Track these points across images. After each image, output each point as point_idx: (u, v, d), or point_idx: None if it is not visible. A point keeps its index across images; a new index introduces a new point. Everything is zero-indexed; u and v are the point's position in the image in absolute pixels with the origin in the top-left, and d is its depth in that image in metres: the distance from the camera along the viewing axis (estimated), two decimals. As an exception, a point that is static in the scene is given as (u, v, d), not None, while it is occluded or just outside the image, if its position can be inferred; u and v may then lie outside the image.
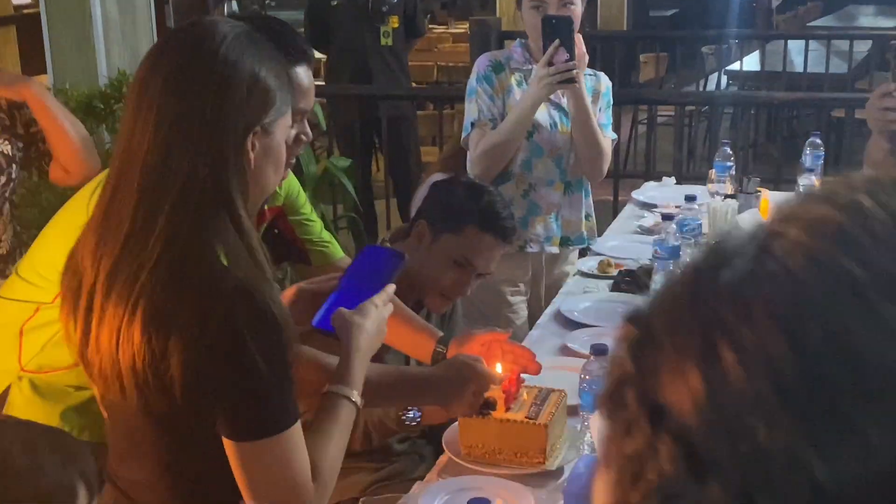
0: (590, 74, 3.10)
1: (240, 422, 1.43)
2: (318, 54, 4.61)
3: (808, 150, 3.59)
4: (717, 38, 7.65)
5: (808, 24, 10.44)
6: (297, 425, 1.47)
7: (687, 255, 2.83)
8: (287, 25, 2.05)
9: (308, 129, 2.02)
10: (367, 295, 1.70)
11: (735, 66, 7.46)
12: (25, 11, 9.45)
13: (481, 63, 3.04)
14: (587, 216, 3.15)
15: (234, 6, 12.20)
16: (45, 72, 4.79)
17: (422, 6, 6.48)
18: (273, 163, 1.50)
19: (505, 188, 2.97)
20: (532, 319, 2.94)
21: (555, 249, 3.09)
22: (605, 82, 3.14)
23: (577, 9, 2.90)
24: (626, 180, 4.94)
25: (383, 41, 5.65)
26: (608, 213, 4.36)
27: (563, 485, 1.87)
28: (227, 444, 1.44)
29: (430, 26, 9.69)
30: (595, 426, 1.80)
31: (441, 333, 2.19)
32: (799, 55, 7.38)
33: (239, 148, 1.42)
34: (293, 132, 1.98)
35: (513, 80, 3.00)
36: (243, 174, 1.43)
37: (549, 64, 2.79)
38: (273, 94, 1.45)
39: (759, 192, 3.34)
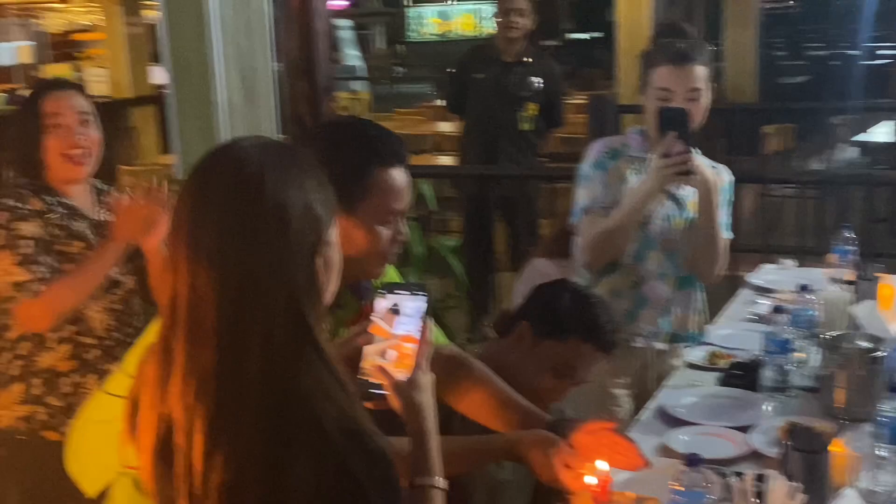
0: (711, 167, 2.99)
1: None
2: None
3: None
4: (847, 108, 7.43)
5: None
6: None
7: (799, 348, 2.72)
8: (383, 129, 2.08)
9: (404, 230, 2.03)
10: (405, 348, 1.62)
11: (864, 136, 7.21)
12: (165, 91, 9.89)
13: (597, 149, 2.98)
14: (699, 311, 3.06)
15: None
16: (176, 152, 4.94)
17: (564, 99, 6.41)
18: (336, 269, 1.49)
19: (613, 279, 2.92)
20: (634, 415, 2.85)
21: (663, 346, 3.00)
22: (727, 176, 3.03)
23: (703, 102, 2.82)
24: (743, 255, 4.82)
25: (521, 125, 5.66)
26: (723, 290, 4.23)
27: None
28: None
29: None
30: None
31: (549, 418, 2.17)
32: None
33: (310, 274, 1.41)
34: (389, 232, 2.00)
35: (628, 170, 2.93)
36: (317, 297, 1.43)
37: (666, 155, 2.73)
38: (323, 212, 1.44)
39: (878, 277, 3.17)
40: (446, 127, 8.68)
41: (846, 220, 3.95)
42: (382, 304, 1.67)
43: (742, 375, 2.77)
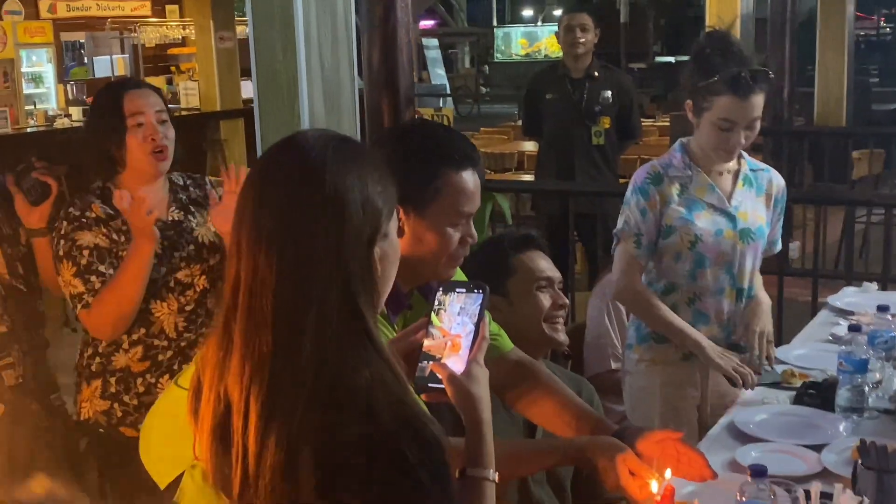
0: (760, 169, 3.02)
1: None
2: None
3: None
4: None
5: None
6: None
7: (876, 369, 2.68)
8: (453, 132, 2.11)
9: (474, 232, 2.05)
10: (463, 344, 1.63)
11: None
12: (252, 105, 10.13)
13: (639, 175, 2.98)
14: None
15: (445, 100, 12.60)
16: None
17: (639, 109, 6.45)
18: (393, 261, 1.52)
19: (671, 297, 2.94)
20: (702, 429, 2.83)
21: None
22: (778, 183, 3.02)
23: (758, 126, 2.83)
24: (828, 280, 4.75)
25: (594, 140, 5.66)
26: (805, 315, 4.17)
27: None
28: None
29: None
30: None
31: (616, 427, 2.17)
32: None
33: (366, 264, 1.44)
34: (458, 234, 2.03)
35: (672, 190, 2.91)
36: (372, 287, 1.45)
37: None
38: (381, 203, 1.47)
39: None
40: (529, 146, 8.74)
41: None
42: (441, 300, 1.70)
43: (816, 395, 2.73)
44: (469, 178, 1.98)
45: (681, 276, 2.93)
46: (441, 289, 1.72)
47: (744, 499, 1.88)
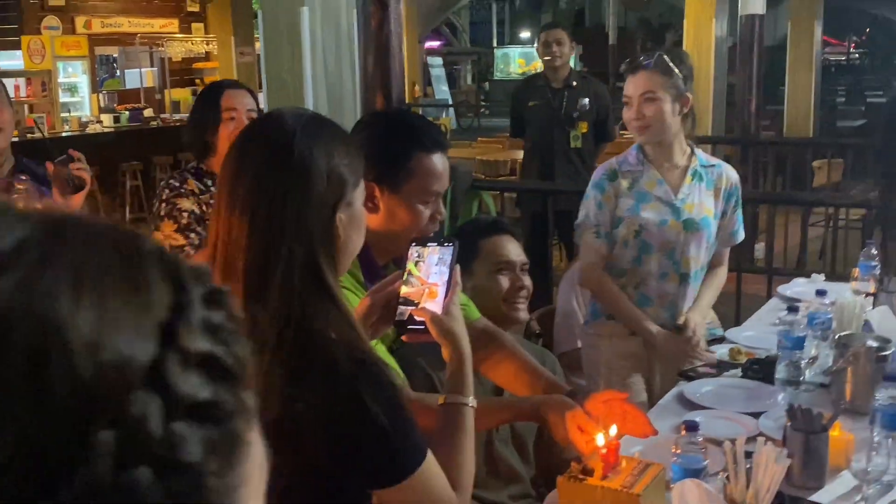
0: (711, 165, 3.07)
1: (381, 474, 1.49)
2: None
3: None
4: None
5: None
6: (429, 456, 1.50)
7: (813, 346, 2.72)
8: (424, 119, 2.17)
9: (442, 209, 2.10)
10: (440, 291, 1.67)
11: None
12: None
13: (598, 172, 3.08)
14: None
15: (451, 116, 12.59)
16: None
17: (614, 114, 6.56)
18: (357, 228, 1.56)
19: (619, 281, 2.99)
20: (653, 400, 2.88)
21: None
22: (730, 177, 3.07)
23: (662, 106, 2.88)
24: (786, 277, 4.80)
25: (573, 143, 5.74)
26: (761, 303, 4.22)
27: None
28: (378, 494, 1.50)
29: (622, 132, 9.79)
30: (676, 496, 1.76)
31: (569, 388, 2.22)
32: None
33: (328, 228, 1.48)
34: (428, 211, 2.08)
35: (623, 185, 2.99)
36: (333, 249, 1.49)
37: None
38: (347, 173, 1.51)
39: (900, 290, 3.16)
40: (521, 154, 8.80)
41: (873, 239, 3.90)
42: (419, 253, 1.75)
43: (759, 369, 2.78)
44: (438, 161, 2.04)
45: (627, 262, 2.99)
46: (414, 243, 1.76)
47: (678, 451, 1.93)
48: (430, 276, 1.72)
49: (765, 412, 2.47)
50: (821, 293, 2.90)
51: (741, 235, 3.16)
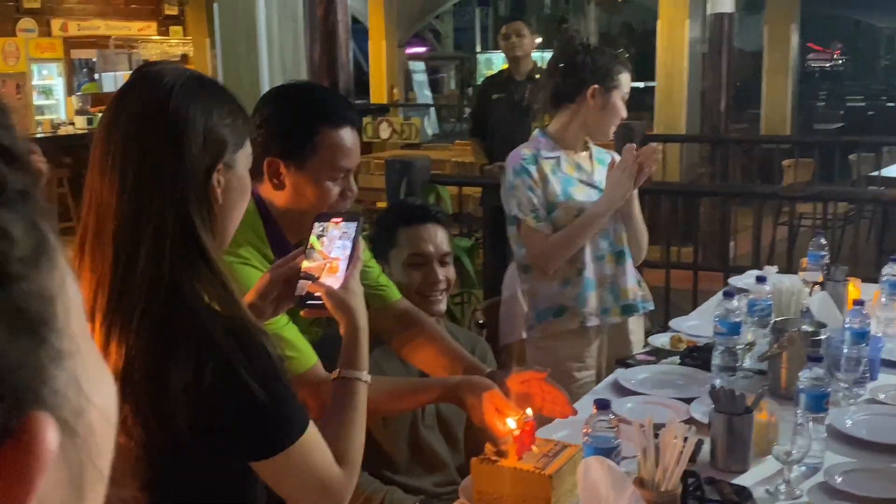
0: (603, 153, 3.12)
1: (256, 446, 1.45)
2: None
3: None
4: (864, 144, 7.37)
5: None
6: (310, 430, 1.47)
7: (749, 332, 2.69)
8: (331, 91, 2.13)
9: (353, 186, 2.05)
10: (341, 266, 1.64)
11: (875, 172, 7.17)
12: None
13: (514, 159, 3.05)
14: (639, 281, 3.09)
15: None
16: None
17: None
18: (240, 193, 1.51)
19: (562, 269, 2.97)
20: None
21: (616, 319, 3.01)
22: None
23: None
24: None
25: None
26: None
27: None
28: (255, 466, 1.46)
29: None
30: (581, 474, 1.72)
31: (489, 369, 2.19)
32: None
33: (203, 191, 1.43)
34: (337, 188, 2.03)
35: (547, 168, 2.99)
36: (210, 213, 1.44)
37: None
38: (227, 134, 1.45)
39: (847, 280, 3.13)
40: (493, 156, 8.83)
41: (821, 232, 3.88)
42: (323, 227, 1.70)
43: (697, 357, 2.75)
44: (347, 136, 1.99)
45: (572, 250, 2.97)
46: (317, 217, 1.72)
47: (589, 430, 1.89)
48: (332, 250, 1.68)
49: (697, 398, 2.44)
50: (761, 280, 2.87)
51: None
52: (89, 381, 0.46)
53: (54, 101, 12.20)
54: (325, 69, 3.61)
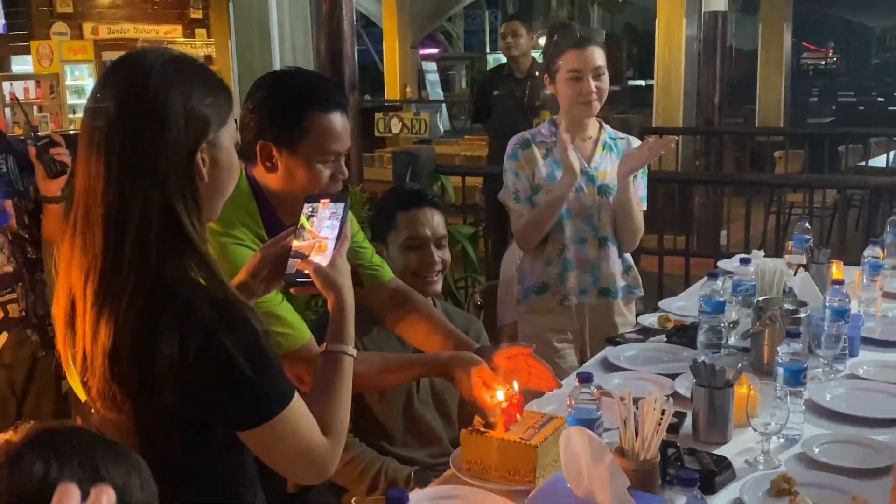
0: (620, 138, 3.03)
1: (242, 416, 1.42)
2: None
3: (889, 227, 3.36)
4: (853, 136, 7.31)
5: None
6: (295, 401, 1.44)
7: (733, 311, 2.65)
8: (323, 78, 2.09)
9: (344, 169, 2.01)
10: (329, 246, 1.61)
11: (863, 163, 7.11)
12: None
13: (511, 144, 3.01)
14: (628, 268, 3.03)
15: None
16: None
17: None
18: (226, 168, 1.46)
19: (544, 248, 2.94)
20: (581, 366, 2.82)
21: (593, 301, 2.98)
22: (637, 146, 3.01)
23: (606, 80, 2.89)
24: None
25: None
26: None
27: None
28: (241, 436, 1.43)
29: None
30: (563, 443, 1.68)
31: (477, 345, 2.16)
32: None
33: (188, 170, 1.39)
34: (328, 171, 1.99)
35: (538, 154, 2.95)
36: (195, 193, 1.40)
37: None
38: (209, 114, 1.41)
39: (831, 262, 3.08)
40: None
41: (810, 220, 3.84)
42: (313, 208, 1.67)
43: (682, 335, 2.72)
44: (337, 120, 1.95)
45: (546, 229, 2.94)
46: (307, 199, 1.69)
47: (572, 403, 1.86)
48: (321, 230, 1.65)
49: (682, 374, 2.41)
50: (745, 261, 2.83)
51: (645, 203, 3.08)
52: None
53: (86, 101, 12.22)
54: (331, 62, 3.57)
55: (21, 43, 12.00)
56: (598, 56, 2.85)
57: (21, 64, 12.03)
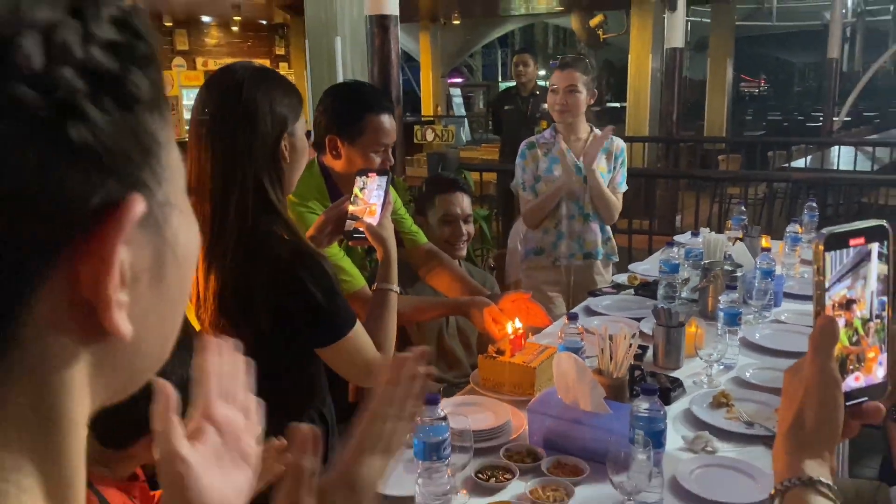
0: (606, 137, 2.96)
1: (319, 337, 1.44)
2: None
3: (806, 210, 3.30)
4: (775, 144, 7.16)
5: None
6: (357, 326, 1.46)
7: (685, 271, 2.62)
8: (375, 88, 2.08)
9: (391, 158, 2.00)
10: (377, 210, 1.61)
11: (786, 164, 6.98)
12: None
13: (521, 145, 3.00)
14: (607, 239, 3.00)
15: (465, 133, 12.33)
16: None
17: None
18: (300, 152, 1.47)
19: (546, 221, 2.92)
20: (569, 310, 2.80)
21: (579, 262, 2.95)
22: (619, 144, 2.97)
23: (580, 97, 2.81)
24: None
25: None
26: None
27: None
28: (319, 352, 1.45)
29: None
30: (555, 365, 1.68)
31: (489, 292, 2.16)
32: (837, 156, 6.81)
33: (273, 156, 1.40)
34: (379, 158, 1.98)
35: (539, 153, 2.92)
36: (280, 171, 1.42)
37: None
38: (287, 113, 1.42)
39: (761, 235, 3.04)
40: (509, 154, 8.78)
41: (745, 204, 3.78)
42: (363, 181, 1.68)
43: (646, 289, 2.69)
44: (386, 120, 1.95)
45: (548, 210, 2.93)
46: (358, 173, 1.70)
47: (562, 335, 1.86)
48: (371, 198, 1.66)
49: (646, 317, 2.39)
50: (695, 235, 2.80)
51: (624, 187, 3.03)
52: (179, 214, 0.40)
53: (198, 117, 12.27)
54: (382, 84, 3.55)
55: (150, 73, 12.08)
56: (573, 77, 2.79)
57: (150, 88, 12.14)
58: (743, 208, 3.26)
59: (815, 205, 3.25)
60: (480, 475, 1.47)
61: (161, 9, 11.54)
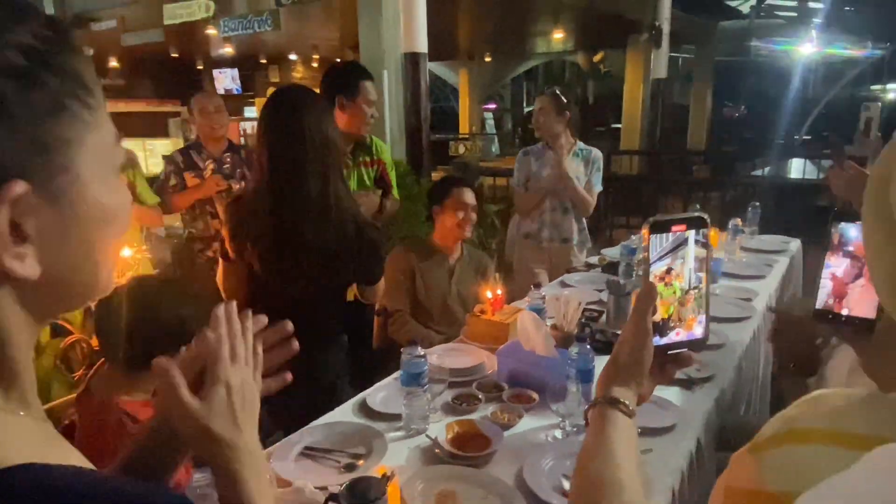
0: (586, 149, 2.96)
1: (369, 277, 1.59)
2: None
3: (749, 208, 3.26)
4: (741, 157, 6.94)
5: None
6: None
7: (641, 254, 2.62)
8: (358, 65, 2.25)
9: (375, 112, 2.21)
10: None
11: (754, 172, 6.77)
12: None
13: (519, 153, 3.02)
14: (582, 229, 3.01)
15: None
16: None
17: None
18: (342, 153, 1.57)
19: (534, 212, 2.92)
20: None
21: (557, 245, 2.97)
22: (596, 154, 2.97)
23: (551, 117, 2.81)
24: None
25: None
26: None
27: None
28: (367, 289, 1.59)
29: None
30: (519, 323, 1.73)
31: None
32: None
33: (337, 161, 1.49)
34: (371, 110, 2.14)
35: (531, 160, 2.95)
36: (336, 166, 1.49)
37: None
38: (331, 131, 1.49)
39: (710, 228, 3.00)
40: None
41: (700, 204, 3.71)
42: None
43: (611, 268, 2.69)
44: (369, 86, 2.17)
45: (536, 202, 2.94)
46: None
47: (528, 300, 1.89)
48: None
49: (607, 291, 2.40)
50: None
51: (599, 187, 2.99)
52: (83, 185, 0.41)
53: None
54: (414, 107, 3.60)
55: (249, 99, 12.35)
56: (543, 102, 2.85)
57: (249, 112, 12.42)
58: (698, 206, 3.23)
59: (757, 203, 3.19)
60: (456, 401, 1.53)
61: (259, 49, 11.80)
